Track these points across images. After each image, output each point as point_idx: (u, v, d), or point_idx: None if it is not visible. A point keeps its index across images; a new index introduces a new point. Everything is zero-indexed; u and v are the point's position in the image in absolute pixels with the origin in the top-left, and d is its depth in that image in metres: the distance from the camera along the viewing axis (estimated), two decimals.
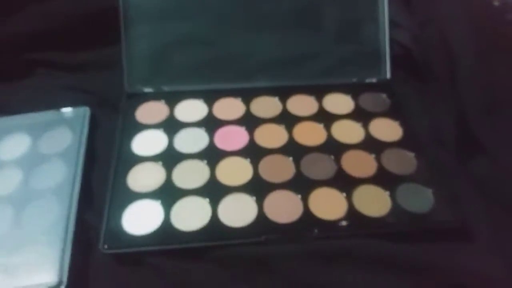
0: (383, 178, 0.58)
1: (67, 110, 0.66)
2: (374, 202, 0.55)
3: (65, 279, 0.47)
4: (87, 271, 0.50)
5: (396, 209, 0.54)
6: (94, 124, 0.65)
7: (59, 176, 0.57)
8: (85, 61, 0.74)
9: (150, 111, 0.66)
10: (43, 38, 0.72)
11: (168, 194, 0.55)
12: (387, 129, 0.64)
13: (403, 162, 0.60)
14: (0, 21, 0.70)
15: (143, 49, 0.68)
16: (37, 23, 0.71)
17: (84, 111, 0.65)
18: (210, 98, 0.68)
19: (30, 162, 0.59)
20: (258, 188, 0.56)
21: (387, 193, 0.56)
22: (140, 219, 0.53)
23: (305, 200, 0.55)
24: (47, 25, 0.71)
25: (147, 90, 0.69)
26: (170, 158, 0.60)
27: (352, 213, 0.54)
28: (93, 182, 0.59)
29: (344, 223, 0.52)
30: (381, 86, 0.70)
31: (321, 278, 0.50)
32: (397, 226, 0.54)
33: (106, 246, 0.50)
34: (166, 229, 0.52)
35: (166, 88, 0.69)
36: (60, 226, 0.51)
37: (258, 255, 0.51)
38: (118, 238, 0.51)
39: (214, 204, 0.54)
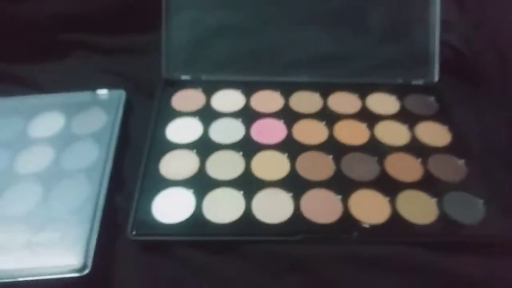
0: (430, 184, 0.54)
1: (102, 92, 0.64)
2: (419, 208, 0.51)
3: (90, 263, 0.45)
4: (112, 256, 0.48)
5: (443, 218, 0.50)
6: (129, 109, 0.64)
7: (91, 157, 0.55)
8: (122, 46, 0.73)
9: (186, 98, 0.64)
10: (81, 20, 0.71)
11: (201, 183, 0.53)
12: (434, 133, 0.60)
13: (451, 169, 0.56)
14: (39, 1, 0.69)
15: (183, 36, 0.66)
16: (76, 4, 0.70)
17: (120, 94, 0.64)
18: (248, 89, 0.65)
19: (63, 141, 0.58)
20: (295, 184, 0.53)
21: (434, 200, 0.52)
22: (171, 207, 0.51)
23: (345, 201, 0.52)
24: (86, 7, 0.70)
25: (185, 77, 0.67)
26: (204, 147, 0.57)
27: (395, 219, 0.50)
28: (124, 166, 0.57)
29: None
30: (428, 89, 0.67)
31: (357, 284, 0.47)
32: (443, 236, 0.50)
33: (134, 232, 0.48)
34: (197, 220, 0.49)
35: (204, 77, 0.67)
36: (89, 207, 0.49)
37: (292, 255, 0.48)
38: (147, 225, 0.49)
39: (248, 197, 0.51)
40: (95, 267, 0.45)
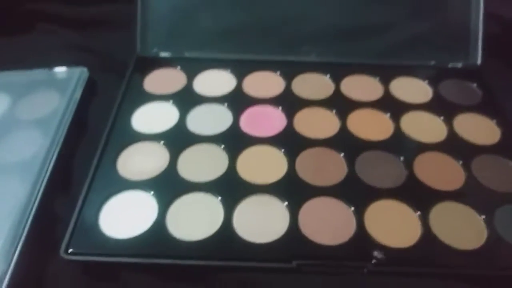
0: (475, 196, 0.40)
1: (60, 70, 0.52)
2: (461, 228, 0.38)
3: (3, 286, 0.32)
4: (39, 281, 0.35)
5: (494, 241, 0.37)
6: (92, 91, 0.52)
7: (30, 149, 0.43)
8: (94, 17, 0.62)
9: (163, 79, 0.52)
10: None
11: (168, 186, 0.40)
12: (479, 128, 0.47)
13: (503, 175, 0.42)
14: None
15: (164, 7, 0.54)
16: None
17: (81, 73, 0.52)
18: (240, 69, 0.53)
19: (1, 129, 0.45)
20: (292, 191, 0.40)
21: (482, 217, 0.38)
22: (124, 217, 0.38)
23: (359, 215, 0.38)
24: None
25: (164, 55, 0.54)
26: (178, 139, 0.45)
27: (428, 241, 0.37)
28: (74, 162, 0.44)
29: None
30: (469, 74, 0.53)
31: None
32: (496, 268, 0.35)
33: (70, 250, 0.35)
34: (157, 236, 0.37)
35: (187, 54, 0.54)
36: (15, 214, 0.37)
37: (285, 287, 0.34)
38: (89, 240, 0.36)
39: (229, 207, 0.38)
40: None
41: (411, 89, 0.51)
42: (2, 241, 0.36)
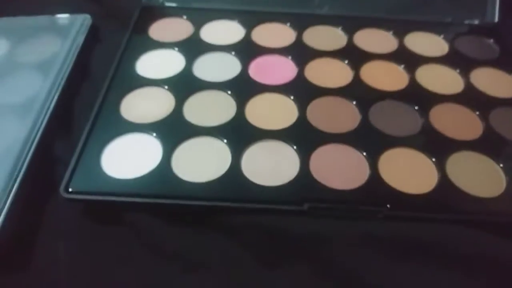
0: (492, 145, 0.38)
1: (62, 16, 0.50)
2: (479, 176, 0.36)
3: None
4: (37, 221, 0.34)
5: None
6: (96, 38, 0.50)
7: (30, 91, 0.41)
8: None
9: (169, 28, 0.50)
10: None
11: (174, 130, 0.38)
12: (496, 82, 0.45)
13: None
14: None
15: None
16: None
17: (84, 19, 0.50)
18: (249, 20, 0.51)
19: (0, 71, 0.43)
20: (303, 137, 0.38)
21: (499, 167, 0.36)
22: (128, 158, 0.36)
23: (373, 161, 0.36)
24: None
25: (169, 4, 0.52)
26: (184, 85, 0.43)
27: (445, 188, 0.35)
28: (76, 105, 0.43)
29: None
30: (486, 30, 0.51)
31: (385, 277, 0.32)
32: None
33: (70, 189, 0.34)
34: (162, 176, 0.35)
35: (194, 4, 0.52)
36: (13, 153, 0.35)
37: (295, 232, 0.34)
38: (90, 180, 0.35)
39: (237, 151, 0.37)
40: (7, 232, 0.31)
41: (426, 43, 0.49)
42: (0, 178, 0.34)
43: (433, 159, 0.37)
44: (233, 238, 0.33)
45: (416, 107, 0.41)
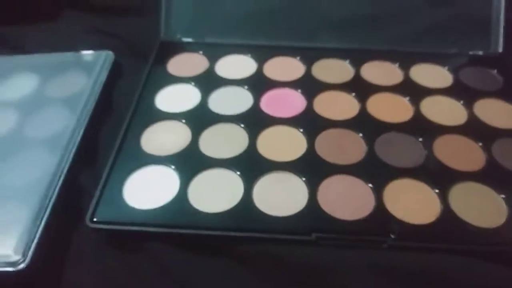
0: (495, 176, 0.40)
1: (86, 53, 0.54)
2: (481, 207, 0.38)
3: (30, 255, 0.34)
4: (64, 249, 0.37)
5: None
6: (117, 73, 0.53)
7: (59, 125, 0.44)
8: (118, 5, 0.63)
9: (186, 63, 0.53)
10: None
11: (190, 162, 0.41)
12: (499, 113, 0.47)
13: None
14: None
15: None
16: None
17: (106, 56, 0.53)
18: (261, 54, 0.54)
19: (31, 106, 0.48)
20: (311, 168, 0.40)
21: (501, 197, 0.38)
22: (148, 189, 0.39)
23: (378, 192, 0.38)
24: None
25: (186, 40, 0.55)
26: (200, 118, 0.46)
27: (448, 219, 0.37)
28: (100, 138, 0.46)
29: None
30: (490, 61, 0.53)
31: None
32: None
33: (95, 219, 0.36)
34: (179, 207, 0.37)
35: (209, 40, 0.55)
36: (43, 184, 0.38)
37: (303, 261, 0.35)
38: (113, 210, 0.37)
39: (249, 182, 0.39)
40: (37, 261, 0.34)
41: (431, 75, 0.51)
42: (30, 210, 0.37)
43: (436, 190, 0.38)
44: (245, 266, 0.35)
45: (420, 139, 0.43)
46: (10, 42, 0.59)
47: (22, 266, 0.33)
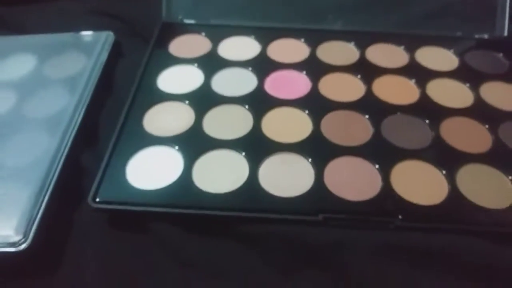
0: (502, 158, 0.40)
1: (86, 34, 0.52)
2: (488, 188, 0.37)
3: (31, 236, 0.33)
4: (65, 229, 0.36)
5: None
6: (118, 54, 0.53)
7: (59, 106, 0.44)
8: None
9: (188, 44, 0.52)
10: None
11: (194, 142, 0.40)
12: (505, 95, 0.46)
13: None
14: None
15: None
16: None
17: (107, 36, 0.52)
18: (265, 36, 0.53)
19: (29, 86, 0.46)
20: (317, 149, 0.40)
21: (509, 178, 0.38)
22: (151, 170, 0.38)
23: (385, 173, 0.38)
24: None
25: (188, 21, 0.54)
26: (203, 99, 0.45)
27: (455, 200, 0.36)
28: (101, 118, 0.45)
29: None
30: (495, 44, 0.52)
31: (397, 284, 0.33)
32: None
33: (97, 199, 0.36)
34: (184, 188, 0.37)
35: (211, 21, 0.54)
36: (43, 165, 0.38)
37: (310, 241, 0.35)
38: (115, 190, 0.37)
39: (254, 163, 0.38)
40: (39, 241, 0.34)
41: (437, 58, 0.50)
42: (31, 190, 0.36)
43: (444, 172, 0.38)
44: (251, 247, 0.35)
45: (427, 121, 0.42)
46: (10, 23, 0.58)
47: (23, 246, 0.33)
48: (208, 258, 0.35)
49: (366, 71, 0.48)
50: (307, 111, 0.43)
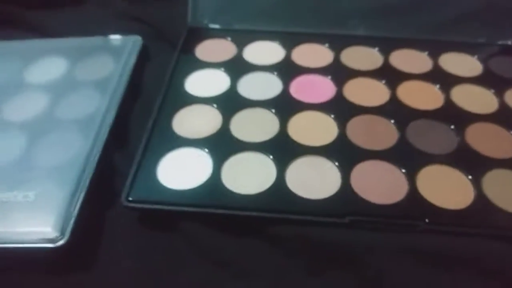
0: None
1: (114, 37, 0.54)
2: None
3: (68, 233, 0.34)
4: (100, 226, 0.37)
5: None
6: (145, 57, 0.54)
7: (90, 107, 0.45)
8: None
9: (214, 48, 0.53)
10: None
11: (223, 145, 0.41)
12: None
13: None
14: None
15: None
16: None
17: (135, 40, 0.53)
18: (289, 41, 0.53)
19: (61, 88, 0.48)
20: (343, 153, 0.40)
21: None
22: (181, 170, 0.39)
23: (411, 177, 0.38)
24: None
25: (214, 26, 0.55)
26: (230, 102, 0.46)
27: (481, 204, 0.37)
28: (131, 120, 0.46)
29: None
30: None
31: (421, 285, 0.34)
32: None
33: (130, 198, 0.37)
34: (213, 188, 0.38)
35: (237, 26, 0.55)
36: (77, 165, 0.39)
37: (336, 242, 0.36)
38: (147, 190, 0.38)
39: (281, 165, 0.39)
40: (75, 238, 0.35)
41: (461, 63, 0.51)
42: (67, 189, 0.37)
43: (470, 177, 0.38)
44: (279, 248, 0.36)
45: (452, 126, 0.43)
46: (38, 27, 0.59)
47: (61, 242, 0.34)
48: (236, 257, 0.36)
49: (391, 76, 0.48)
50: (332, 115, 0.44)
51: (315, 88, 0.47)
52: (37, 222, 0.35)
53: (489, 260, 0.34)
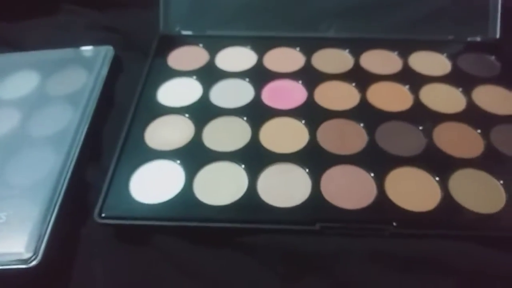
0: (494, 162, 0.41)
1: (86, 49, 0.54)
2: (480, 193, 0.38)
3: (41, 253, 0.34)
4: (74, 244, 0.38)
5: None
6: (118, 68, 0.54)
7: (62, 123, 0.45)
8: None
9: (186, 56, 0.53)
10: None
11: (195, 155, 0.42)
12: (497, 99, 0.47)
13: None
14: None
15: None
16: None
17: (106, 51, 0.53)
18: (261, 46, 0.54)
19: (33, 104, 0.48)
20: (314, 159, 0.41)
21: (500, 182, 0.39)
22: (154, 184, 0.40)
23: (380, 181, 0.39)
24: None
25: (186, 33, 0.56)
26: (202, 112, 0.46)
27: (448, 206, 0.38)
28: (104, 134, 0.46)
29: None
30: (487, 47, 0.53)
31: None
32: None
33: (103, 214, 0.37)
34: (185, 201, 0.38)
35: (208, 32, 0.55)
36: (50, 182, 0.39)
37: (307, 250, 0.36)
38: (121, 205, 0.38)
39: (253, 174, 0.40)
40: (49, 257, 0.35)
41: (430, 62, 0.51)
42: (39, 208, 0.37)
43: (437, 178, 0.39)
44: (252, 257, 0.36)
45: (421, 127, 0.44)
46: (9, 40, 0.59)
47: (34, 263, 0.34)
48: (210, 268, 0.36)
49: (361, 78, 0.49)
50: (303, 121, 0.44)
51: (287, 94, 0.48)
52: (9, 244, 0.35)
53: (457, 261, 0.35)
